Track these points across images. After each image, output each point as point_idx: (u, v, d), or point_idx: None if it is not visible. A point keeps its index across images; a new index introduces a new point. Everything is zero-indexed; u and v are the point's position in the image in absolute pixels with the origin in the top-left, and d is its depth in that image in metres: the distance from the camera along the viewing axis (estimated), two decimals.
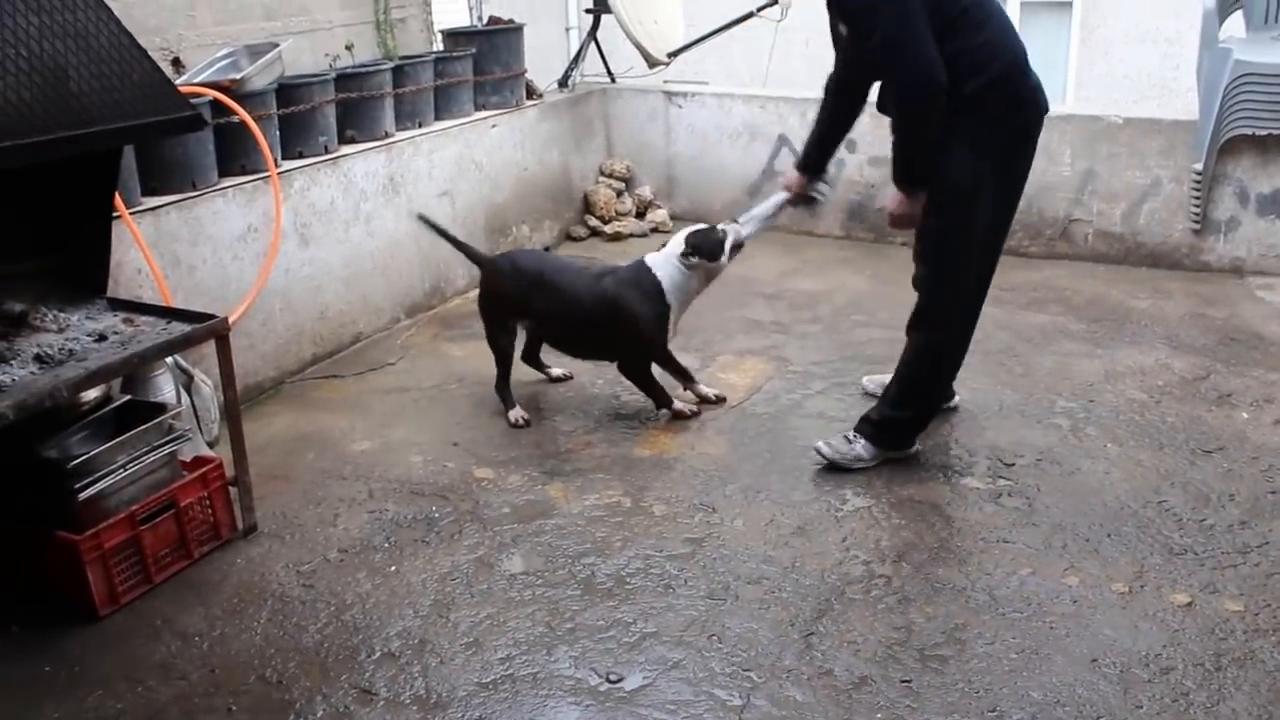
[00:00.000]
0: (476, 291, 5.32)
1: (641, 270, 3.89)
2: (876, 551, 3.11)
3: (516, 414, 3.98)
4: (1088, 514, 3.26)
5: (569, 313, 3.95)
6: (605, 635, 2.77)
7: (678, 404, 3.99)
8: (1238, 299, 4.96)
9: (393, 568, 3.09)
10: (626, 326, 3.86)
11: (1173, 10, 7.90)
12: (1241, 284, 5.14)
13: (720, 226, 3.86)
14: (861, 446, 3.55)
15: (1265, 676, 2.57)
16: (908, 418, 3.56)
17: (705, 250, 3.80)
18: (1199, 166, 5.08)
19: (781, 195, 3.84)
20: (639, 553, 3.14)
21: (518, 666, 2.65)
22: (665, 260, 3.86)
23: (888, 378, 3.64)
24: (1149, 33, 8.32)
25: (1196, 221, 5.22)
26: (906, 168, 3.28)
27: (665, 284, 3.83)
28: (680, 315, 3.93)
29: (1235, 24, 5.28)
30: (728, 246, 3.80)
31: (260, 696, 2.57)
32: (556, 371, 4.35)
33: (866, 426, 3.57)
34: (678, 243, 3.85)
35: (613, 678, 2.61)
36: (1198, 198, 5.14)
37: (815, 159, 3.76)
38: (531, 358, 4.31)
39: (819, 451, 3.56)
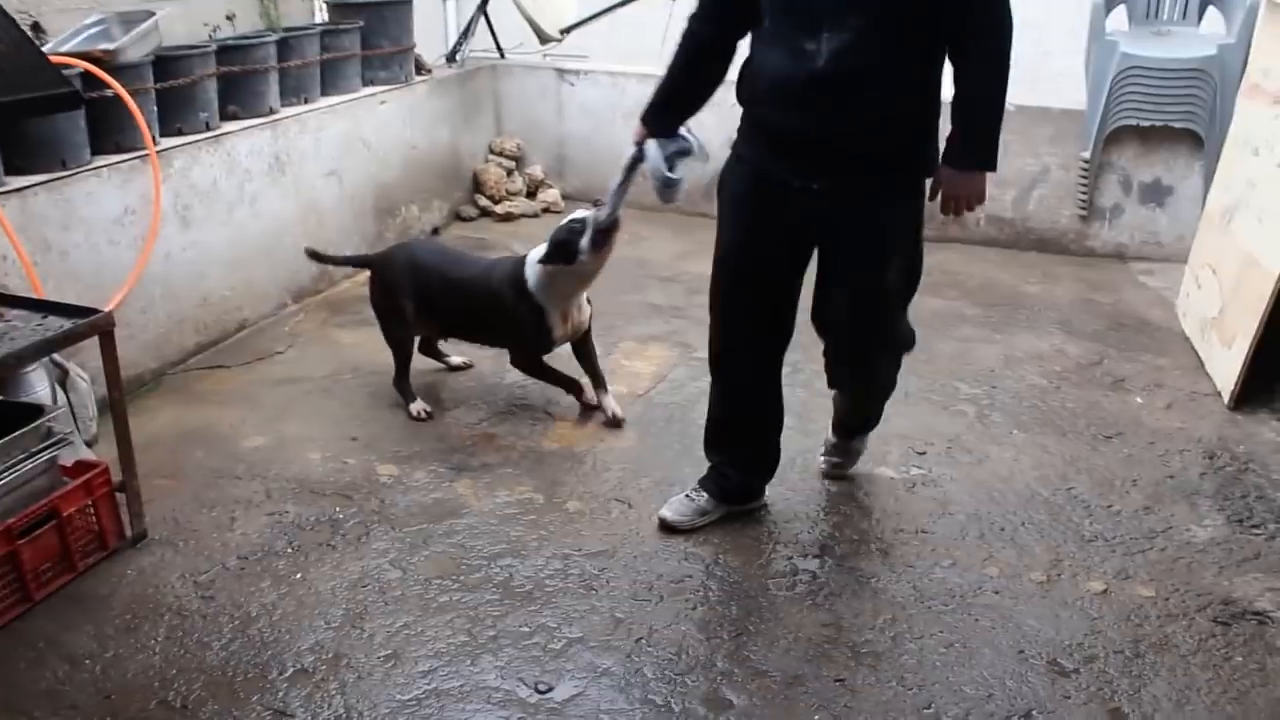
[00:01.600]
0: (367, 275, 5.18)
1: (517, 267, 3.69)
2: (798, 546, 3.08)
3: (418, 407, 3.83)
4: (1000, 502, 3.30)
5: (463, 303, 3.81)
6: (530, 642, 2.66)
7: (588, 393, 3.86)
8: (1122, 284, 5.11)
9: (298, 575, 2.92)
10: (506, 322, 3.74)
11: None
12: (1125, 269, 5.31)
13: (581, 214, 3.56)
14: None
15: (1180, 661, 2.63)
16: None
17: (560, 255, 3.54)
18: (1087, 155, 5.22)
19: (629, 152, 3.17)
20: (557, 552, 3.04)
21: (441, 679, 2.53)
22: (533, 261, 3.64)
23: (696, 499, 3.21)
24: (1020, 18, 8.48)
25: (1083, 208, 5.36)
26: (997, 133, 2.72)
27: (532, 284, 3.62)
28: (565, 310, 3.67)
29: (1119, 18, 5.40)
30: (583, 243, 3.48)
31: None
32: (456, 360, 4.20)
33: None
34: (543, 244, 3.62)
35: (542, 688, 2.51)
36: (1085, 185, 5.28)
37: (661, 109, 3.03)
38: (429, 347, 4.15)
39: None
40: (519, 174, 6.34)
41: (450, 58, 6.18)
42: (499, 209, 6.12)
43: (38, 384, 3.15)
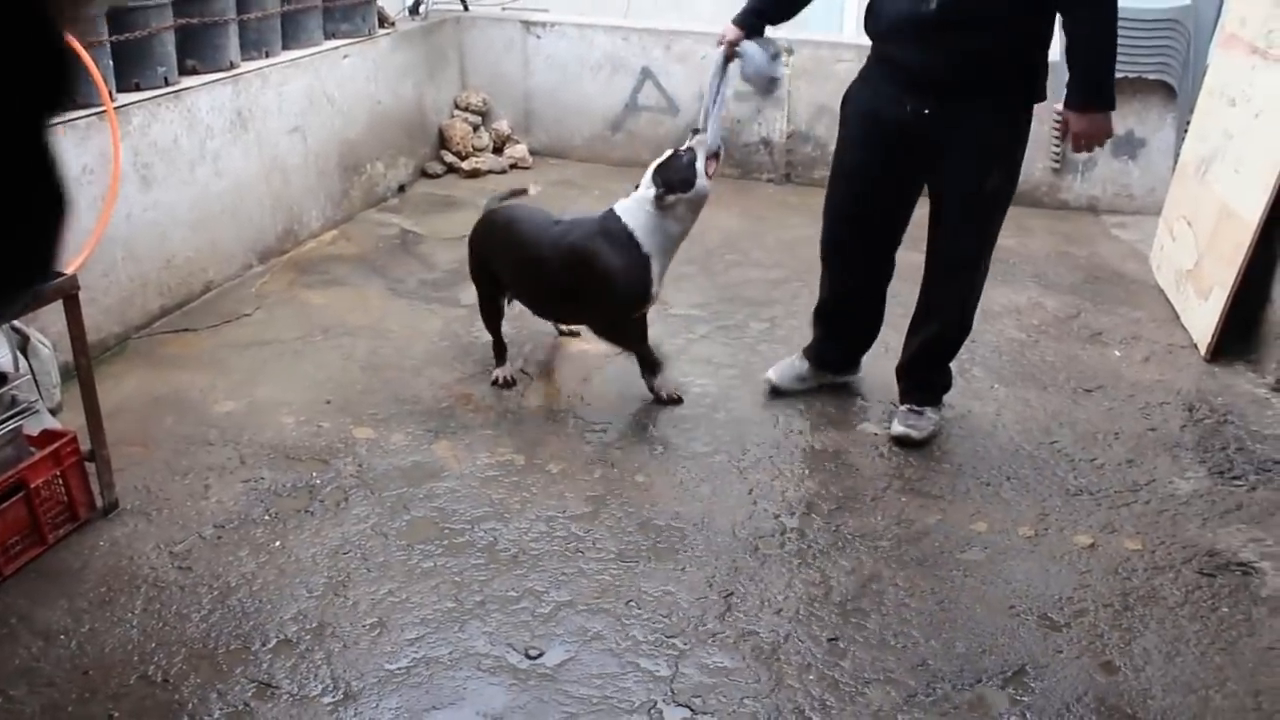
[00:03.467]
0: (334, 234, 5.08)
1: (608, 220, 3.38)
2: (784, 503, 3.06)
3: (498, 372, 3.71)
4: (985, 457, 3.29)
5: (534, 272, 3.55)
6: (518, 607, 2.62)
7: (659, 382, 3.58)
8: (1096, 237, 5.11)
9: (277, 543, 2.85)
10: (596, 284, 3.39)
11: None
12: (1097, 222, 5.30)
13: (683, 147, 3.37)
14: (932, 412, 3.42)
15: (1169, 613, 2.64)
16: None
17: (677, 183, 3.29)
18: (1059, 107, 5.16)
19: (717, 55, 3.26)
20: (540, 515, 2.99)
21: (429, 647, 2.48)
22: (637, 206, 3.35)
23: (798, 365, 3.58)
24: None
25: (1056, 161, 5.34)
26: (1114, 67, 2.98)
27: (640, 231, 3.33)
28: (665, 265, 3.43)
29: None
30: (699, 167, 3.30)
31: (144, 698, 2.32)
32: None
33: (931, 395, 3.42)
34: (648, 183, 3.35)
35: (532, 653, 2.47)
36: (1058, 138, 5.25)
37: (755, 15, 3.27)
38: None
39: (908, 439, 3.33)
40: (485, 129, 6.22)
41: (413, 10, 6.03)
42: (465, 165, 6.00)
43: None
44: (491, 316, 3.74)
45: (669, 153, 3.42)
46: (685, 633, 2.55)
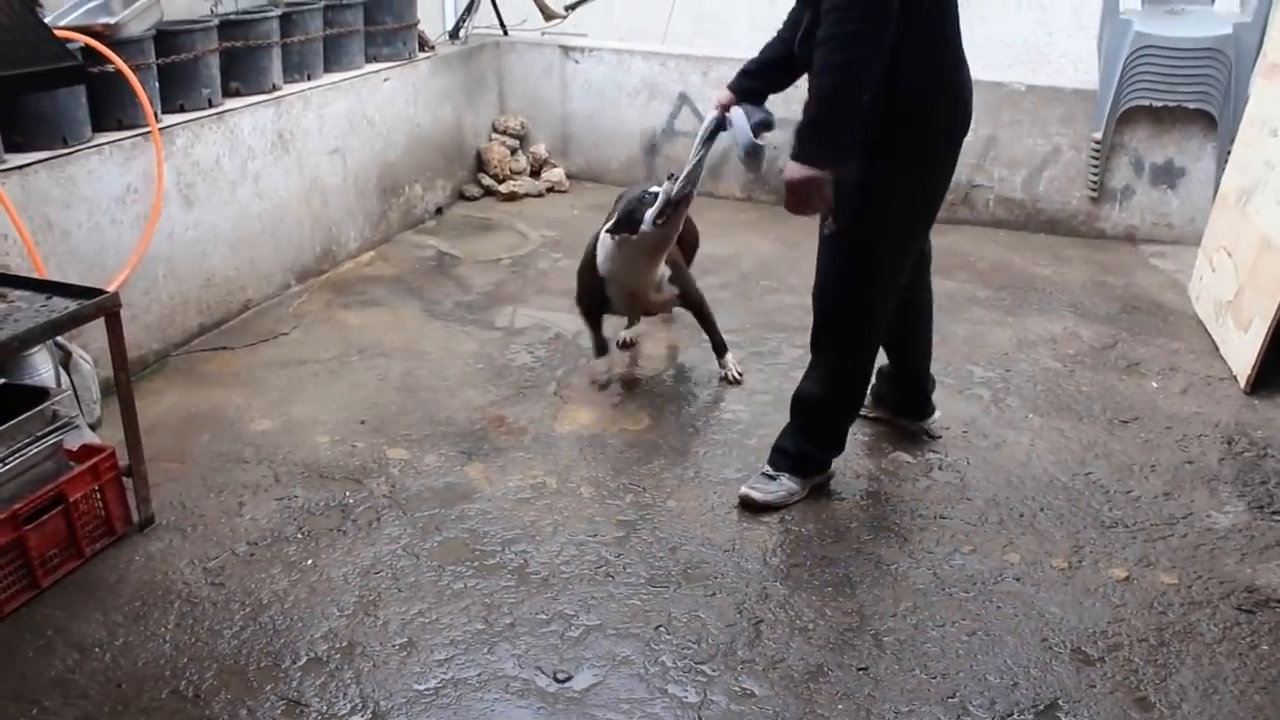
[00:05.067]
0: (371, 255, 5.14)
1: (593, 238, 3.74)
2: (816, 531, 3.04)
3: (626, 334, 4.19)
4: (1019, 488, 3.26)
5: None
6: (547, 630, 2.62)
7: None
8: (1134, 267, 5.07)
9: (309, 561, 2.87)
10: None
11: None
12: (1135, 252, 5.26)
13: (654, 188, 3.51)
14: (788, 480, 3.18)
15: (1206, 650, 2.60)
16: (819, 449, 3.21)
17: (624, 223, 3.51)
18: (1098, 135, 5.16)
19: (710, 118, 3.15)
20: (571, 538, 2.99)
21: (458, 668, 2.48)
22: (604, 229, 3.64)
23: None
24: (1022, 0, 8.44)
25: (1094, 189, 5.31)
26: (823, 125, 2.56)
27: (600, 254, 3.65)
28: (631, 287, 3.69)
29: None
30: (648, 214, 3.46)
31: (175, 713, 2.34)
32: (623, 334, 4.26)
33: (783, 459, 3.19)
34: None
35: (560, 676, 2.47)
36: (1096, 166, 5.22)
37: (745, 76, 3.12)
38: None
39: (747, 499, 3.14)
40: (523, 153, 6.27)
41: (454, 34, 6.10)
42: (503, 188, 6.05)
43: (41, 366, 3.09)
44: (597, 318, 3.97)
45: (639, 189, 3.63)
46: (714, 659, 2.53)
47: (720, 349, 3.93)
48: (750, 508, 3.13)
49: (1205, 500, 3.21)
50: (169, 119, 3.95)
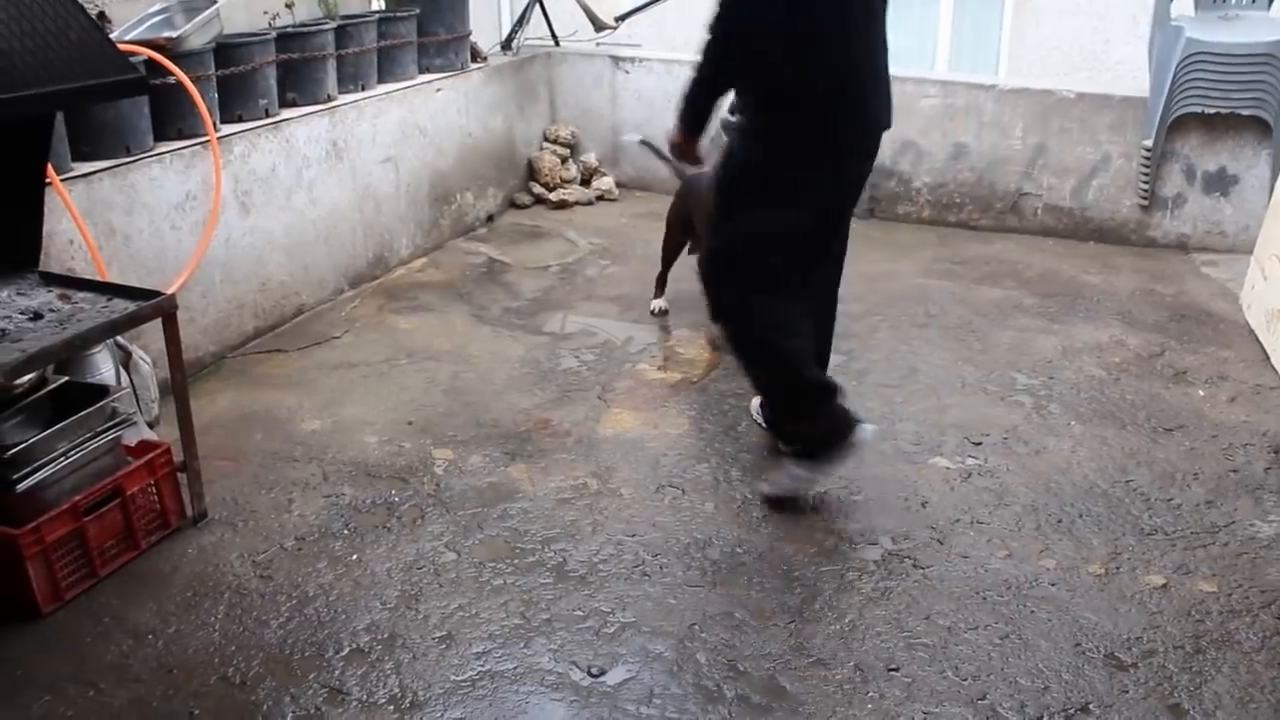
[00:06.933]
0: (423, 261, 5.25)
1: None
2: (853, 534, 3.07)
3: (657, 304, 4.63)
4: (1058, 494, 3.25)
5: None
6: (583, 626, 2.68)
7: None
8: (1185, 275, 5.02)
9: (354, 556, 2.95)
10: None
11: None
12: (1187, 260, 5.21)
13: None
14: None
15: (1243, 658, 2.58)
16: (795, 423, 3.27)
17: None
18: (1149, 143, 5.12)
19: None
20: (610, 537, 3.05)
21: (495, 661, 2.55)
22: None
23: None
24: (1080, 6, 8.37)
25: (1145, 198, 5.26)
26: (683, 104, 3.32)
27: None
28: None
29: (1184, 3, 5.30)
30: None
31: (223, 698, 2.43)
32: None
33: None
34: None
35: (594, 671, 2.52)
36: (1146, 174, 5.18)
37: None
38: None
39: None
40: (573, 162, 6.36)
41: (505, 45, 6.21)
42: (553, 197, 6.14)
43: (103, 365, 3.21)
44: (673, 251, 4.59)
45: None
46: (749, 658, 2.57)
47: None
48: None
49: (1249, 509, 3.18)
50: (227, 129, 4.08)
